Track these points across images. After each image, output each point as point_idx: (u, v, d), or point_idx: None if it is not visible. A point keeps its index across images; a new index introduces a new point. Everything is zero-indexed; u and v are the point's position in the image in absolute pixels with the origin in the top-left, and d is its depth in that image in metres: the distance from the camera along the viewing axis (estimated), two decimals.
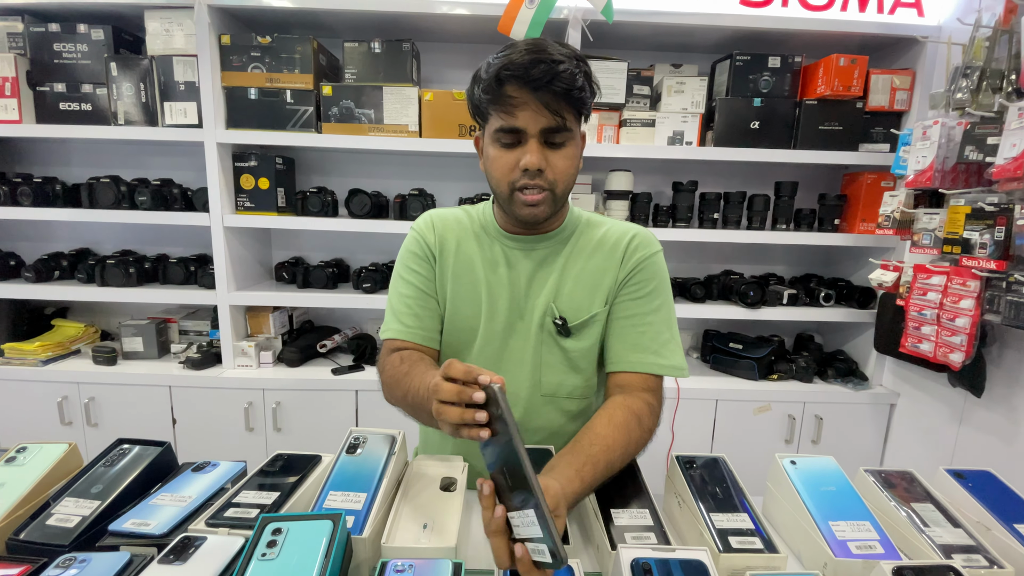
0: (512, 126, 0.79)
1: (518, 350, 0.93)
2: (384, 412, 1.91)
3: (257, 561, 0.59)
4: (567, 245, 0.94)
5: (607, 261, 0.92)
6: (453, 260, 0.94)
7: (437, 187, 2.12)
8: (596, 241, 0.94)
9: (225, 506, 0.73)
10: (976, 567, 0.68)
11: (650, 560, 0.59)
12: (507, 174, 0.82)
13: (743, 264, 2.30)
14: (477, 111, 0.85)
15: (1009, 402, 1.53)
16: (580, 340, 0.91)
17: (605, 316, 0.92)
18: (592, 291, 0.91)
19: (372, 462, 0.81)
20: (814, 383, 2.00)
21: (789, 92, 1.89)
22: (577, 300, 0.91)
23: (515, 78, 0.76)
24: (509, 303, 0.92)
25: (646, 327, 0.90)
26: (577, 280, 0.92)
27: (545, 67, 0.75)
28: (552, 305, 0.91)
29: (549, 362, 0.93)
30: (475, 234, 0.95)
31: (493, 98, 0.78)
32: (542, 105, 0.77)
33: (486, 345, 0.94)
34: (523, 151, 0.80)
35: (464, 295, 0.94)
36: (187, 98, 1.87)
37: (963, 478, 0.85)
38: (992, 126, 1.43)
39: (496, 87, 0.77)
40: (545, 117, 0.78)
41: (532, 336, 0.92)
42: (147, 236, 2.25)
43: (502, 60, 0.77)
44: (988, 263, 1.39)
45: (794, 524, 0.77)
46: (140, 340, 2.05)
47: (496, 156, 0.82)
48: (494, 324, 0.93)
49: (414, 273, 0.94)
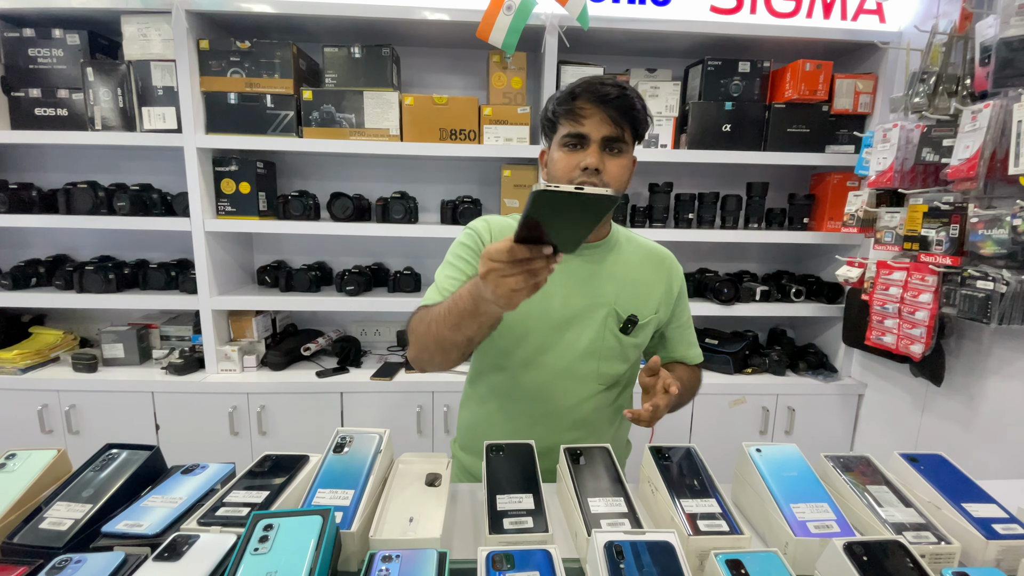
0: (579, 132, 0.93)
1: (573, 342, 1.03)
2: (368, 414, 1.95)
3: (250, 556, 0.62)
4: (614, 253, 1.07)
5: (656, 275, 1.09)
6: None
7: (419, 189, 2.15)
8: (642, 255, 1.10)
9: (216, 505, 0.76)
10: (925, 543, 0.73)
11: (622, 542, 0.63)
12: (568, 172, 0.95)
13: (717, 262, 2.38)
14: (548, 124, 0.99)
15: (967, 390, 1.62)
16: (635, 337, 1.06)
17: (655, 322, 1.09)
18: (646, 298, 1.07)
19: (359, 460, 0.84)
20: (787, 376, 2.08)
21: (758, 96, 1.96)
22: (635, 304, 1.05)
23: (587, 92, 0.91)
24: (563, 300, 1.02)
25: (689, 330, 1.19)
26: (633, 286, 1.06)
27: (613, 88, 0.91)
28: (615, 307, 1.03)
29: (606, 353, 1.05)
30: None
31: (566, 109, 0.93)
32: (607, 116, 0.92)
33: (538, 338, 1.03)
34: (585, 154, 0.94)
35: None
36: (166, 103, 1.86)
37: (916, 461, 0.91)
38: (947, 129, 1.51)
39: (569, 100, 0.93)
40: (608, 127, 0.92)
41: (592, 330, 1.03)
42: (126, 242, 2.23)
43: (578, 82, 0.93)
44: (944, 259, 1.47)
45: (759, 507, 0.83)
46: (121, 346, 2.04)
47: (560, 158, 0.96)
48: (547, 319, 1.02)
49: (462, 260, 1.03)
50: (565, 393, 1.05)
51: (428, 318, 0.92)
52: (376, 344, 2.31)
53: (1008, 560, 0.73)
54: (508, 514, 0.76)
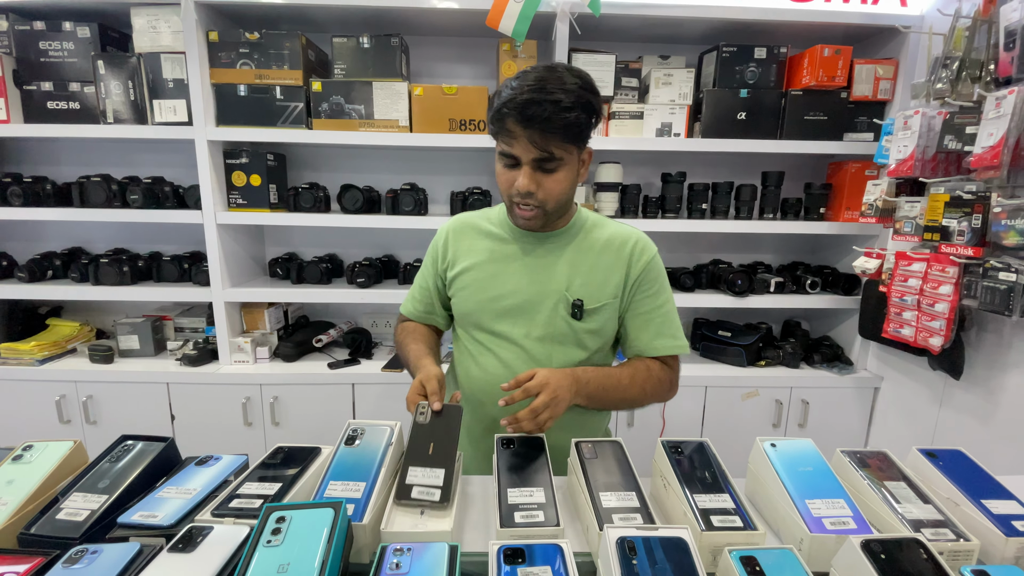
0: (510, 152, 0.93)
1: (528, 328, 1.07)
2: (380, 404, 1.96)
3: (263, 548, 0.62)
4: (575, 241, 1.07)
5: (615, 260, 1.06)
6: (469, 259, 1.09)
7: (429, 181, 2.14)
8: (603, 241, 1.08)
9: (230, 497, 0.76)
10: (944, 540, 0.72)
11: (635, 538, 0.62)
12: (506, 189, 0.97)
13: (731, 253, 2.34)
14: (490, 127, 0.97)
15: (987, 384, 1.58)
16: (586, 323, 1.05)
17: (615, 307, 1.07)
18: (602, 284, 1.06)
19: (370, 453, 0.84)
20: (801, 368, 2.05)
21: (775, 83, 1.91)
22: (588, 289, 1.05)
23: (513, 113, 0.88)
24: (516, 287, 1.06)
25: (663, 317, 1.09)
26: (589, 272, 1.05)
27: (538, 108, 0.86)
28: (566, 293, 1.04)
29: (559, 337, 1.06)
30: (492, 231, 1.10)
31: (497, 128, 0.92)
32: (534, 138, 0.89)
33: (494, 324, 1.08)
34: (518, 174, 0.94)
35: (477, 282, 1.08)
36: (176, 95, 1.87)
37: (935, 457, 0.89)
38: (971, 115, 1.46)
39: (499, 120, 0.91)
40: (535, 150, 0.90)
41: (544, 316, 1.06)
42: (139, 234, 2.25)
43: (507, 95, 0.89)
44: (966, 250, 1.43)
45: (773, 503, 0.81)
46: (136, 338, 2.06)
47: (500, 172, 0.97)
48: (500, 306, 1.07)
49: (426, 269, 1.17)
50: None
51: (399, 349, 1.16)
52: (387, 336, 2.32)
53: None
54: (519, 508, 0.75)
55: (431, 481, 0.75)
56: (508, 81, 0.93)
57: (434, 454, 0.80)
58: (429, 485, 0.74)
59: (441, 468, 0.77)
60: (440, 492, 0.74)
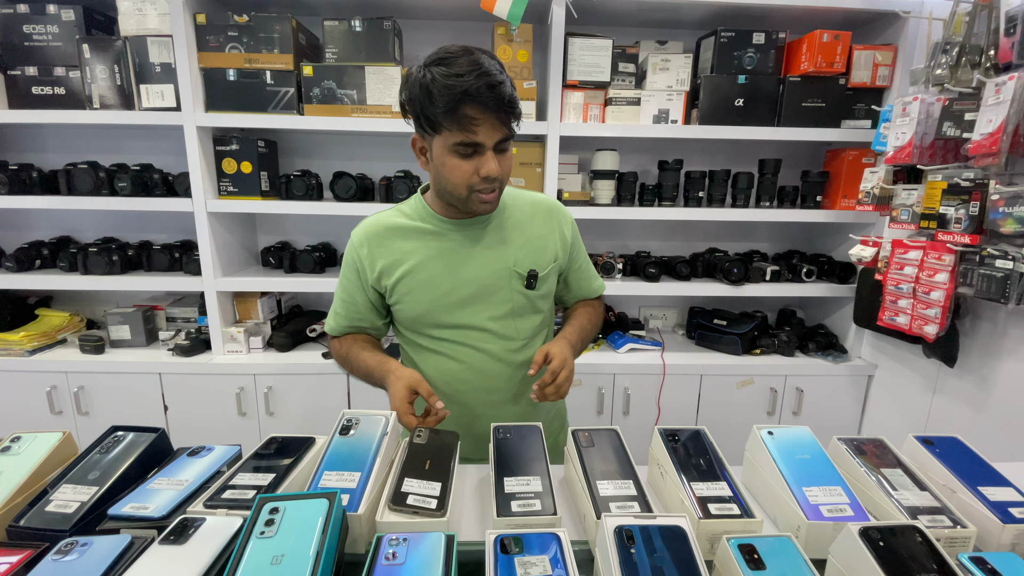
0: (474, 141, 0.90)
1: (486, 311, 1.07)
2: (375, 394, 1.94)
3: (256, 539, 0.62)
4: (500, 217, 1.08)
5: (546, 227, 1.11)
6: (399, 258, 1.05)
7: (417, 167, 2.11)
8: (528, 211, 1.11)
9: (222, 488, 0.75)
10: (940, 527, 0.72)
11: (633, 527, 0.62)
12: (467, 179, 0.94)
13: (728, 242, 2.34)
14: (427, 122, 0.91)
15: (980, 372, 1.59)
16: (539, 290, 1.10)
17: (556, 270, 1.13)
18: (542, 251, 1.09)
19: (365, 442, 0.83)
20: (795, 357, 2.06)
21: (773, 69, 1.89)
22: (532, 258, 1.08)
23: (474, 101, 0.86)
24: (477, 270, 1.05)
25: (588, 264, 1.23)
26: (528, 243, 1.08)
27: (498, 90, 0.87)
28: (514, 267, 1.06)
29: (519, 311, 1.09)
30: (416, 227, 1.06)
31: (454, 118, 0.87)
32: (498, 122, 0.89)
33: (454, 317, 1.07)
34: (481, 160, 0.92)
35: (420, 280, 1.05)
36: (164, 80, 1.83)
37: (931, 444, 0.89)
38: (970, 102, 1.45)
39: (456, 108, 0.86)
40: (500, 132, 0.91)
41: (501, 295, 1.07)
42: (128, 223, 2.22)
43: (457, 83, 0.85)
44: (963, 237, 1.43)
45: (771, 490, 0.81)
46: (127, 328, 2.04)
47: (455, 165, 0.93)
48: (455, 299, 1.06)
49: (346, 279, 1.11)
50: (494, 356, 1.08)
51: (347, 364, 1.12)
52: None
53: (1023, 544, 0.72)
54: (516, 496, 0.75)
55: (428, 492, 0.74)
56: (430, 71, 0.87)
57: (431, 470, 0.78)
58: (426, 495, 0.73)
59: (438, 482, 0.76)
60: (437, 501, 0.72)
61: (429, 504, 0.72)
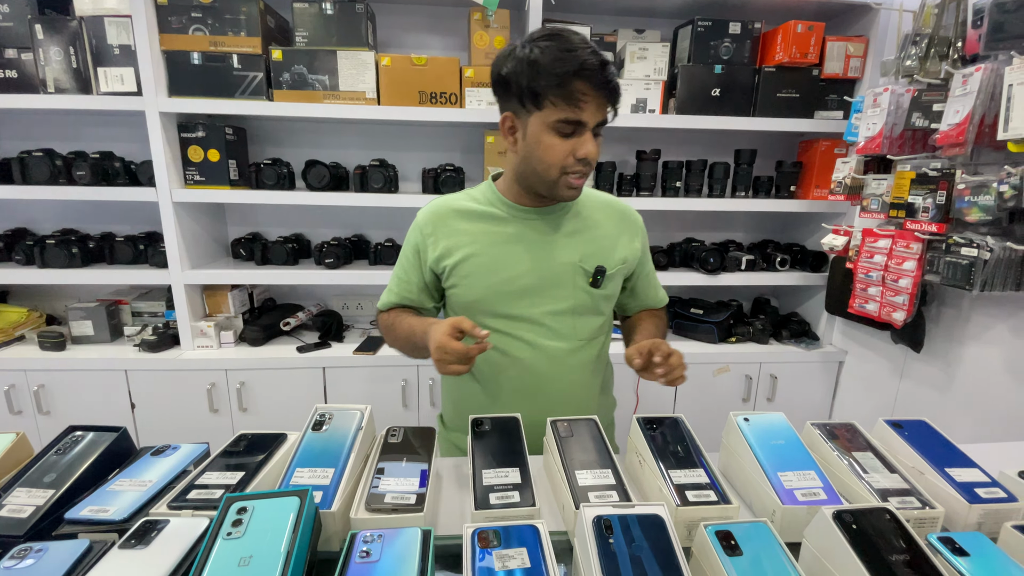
0: (579, 119, 0.87)
1: (546, 305, 1.03)
2: (352, 388, 1.92)
3: (223, 540, 0.59)
4: (571, 211, 1.05)
5: (619, 228, 1.09)
6: (464, 243, 1.02)
7: (399, 157, 2.07)
8: (600, 208, 1.09)
9: (188, 488, 0.72)
10: (910, 508, 0.73)
11: (611, 516, 0.61)
12: (562, 159, 0.91)
13: (704, 231, 2.36)
14: (531, 97, 0.88)
15: (945, 356, 1.64)
16: (604, 289, 1.06)
17: (623, 272, 1.10)
18: (611, 251, 1.06)
19: (339, 438, 0.81)
20: (770, 344, 2.09)
21: (749, 59, 1.90)
22: (599, 256, 1.05)
23: (589, 78, 0.85)
24: (540, 262, 1.02)
25: (655, 277, 1.20)
26: (597, 240, 1.05)
27: (609, 69, 0.86)
28: (580, 263, 1.03)
29: (580, 309, 1.05)
30: (484, 213, 1.03)
31: (564, 92, 0.85)
32: (604, 102, 0.88)
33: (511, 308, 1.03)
34: (579, 141, 0.90)
35: (483, 266, 1.01)
36: (123, 63, 1.74)
37: (900, 428, 0.91)
38: (938, 93, 1.48)
39: (567, 82, 0.85)
40: (602, 112, 0.89)
41: (564, 290, 1.03)
42: (89, 213, 2.12)
43: (570, 57, 0.84)
44: (930, 226, 1.46)
45: (747, 476, 0.82)
46: (90, 323, 1.96)
47: (553, 144, 0.90)
48: (516, 289, 1.02)
49: (406, 259, 1.08)
50: (547, 355, 1.04)
51: (391, 333, 1.08)
52: (359, 318, 2.27)
53: (989, 523, 0.74)
54: (494, 489, 0.74)
55: (406, 488, 0.73)
56: (537, 45, 0.86)
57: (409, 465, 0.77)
58: (404, 491, 0.72)
59: (416, 477, 0.75)
60: (415, 497, 0.71)
61: (407, 500, 0.71)
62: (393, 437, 0.85)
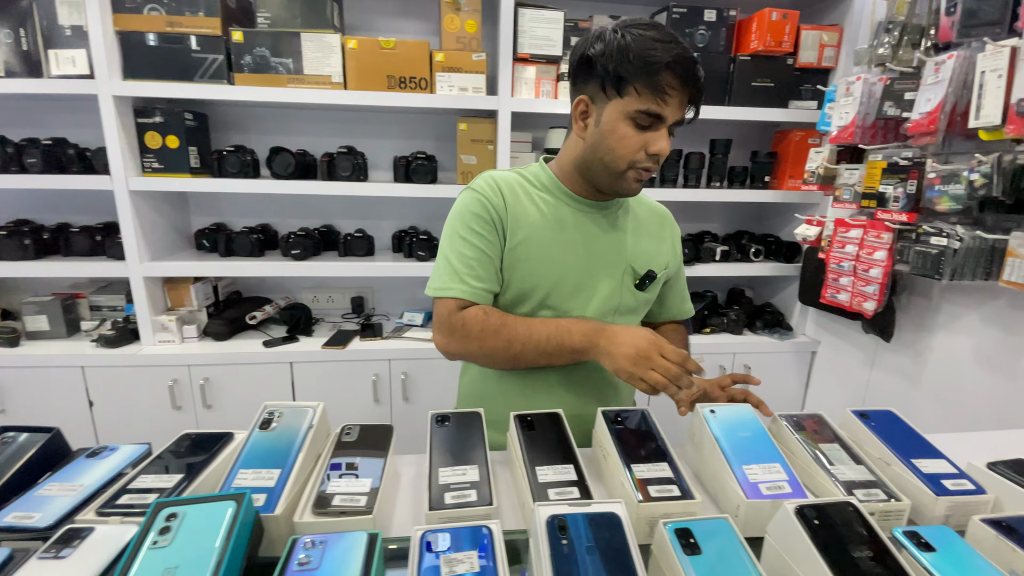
0: (660, 112, 0.83)
1: (591, 300, 0.99)
2: (321, 384, 1.87)
3: (148, 550, 0.55)
4: (626, 210, 1.03)
5: (662, 231, 1.07)
6: (526, 223, 0.95)
7: (369, 145, 2.01)
8: (647, 211, 1.07)
9: (119, 493, 0.68)
10: (875, 500, 0.72)
11: (566, 515, 0.59)
12: (633, 152, 0.87)
13: (681, 222, 2.29)
14: (615, 82, 0.83)
15: (915, 346, 1.65)
16: (648, 293, 1.04)
17: (665, 277, 1.07)
18: (656, 253, 1.04)
19: (287, 437, 0.77)
20: (743, 335, 2.09)
21: (724, 47, 1.88)
22: (648, 260, 1.02)
23: (675, 72, 0.81)
24: (585, 258, 0.97)
25: (685, 287, 1.17)
26: (649, 243, 1.03)
27: (698, 68, 0.83)
28: (630, 263, 1.00)
29: (623, 310, 1.02)
30: (539, 196, 0.98)
31: (650, 82, 0.81)
32: (686, 101, 0.85)
33: (558, 299, 0.97)
34: (654, 136, 0.86)
35: (539, 255, 0.96)
36: (75, 45, 1.65)
37: (867, 418, 0.90)
38: (910, 81, 1.47)
39: (656, 72, 0.81)
40: (681, 112, 0.86)
41: (609, 287, 0.99)
42: (42, 203, 2.02)
43: (663, 48, 0.80)
44: (900, 216, 1.46)
45: (713, 470, 0.80)
46: (45, 318, 1.87)
47: (627, 134, 0.86)
48: (569, 279, 0.97)
49: (476, 234, 0.93)
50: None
51: (507, 333, 0.91)
52: (330, 311, 2.21)
53: (957, 516, 0.73)
54: (450, 488, 0.71)
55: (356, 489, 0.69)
56: (629, 32, 0.81)
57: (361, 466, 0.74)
58: (353, 493, 0.68)
59: (368, 478, 0.71)
60: (366, 499, 0.67)
61: (357, 503, 0.67)
62: (348, 435, 0.81)
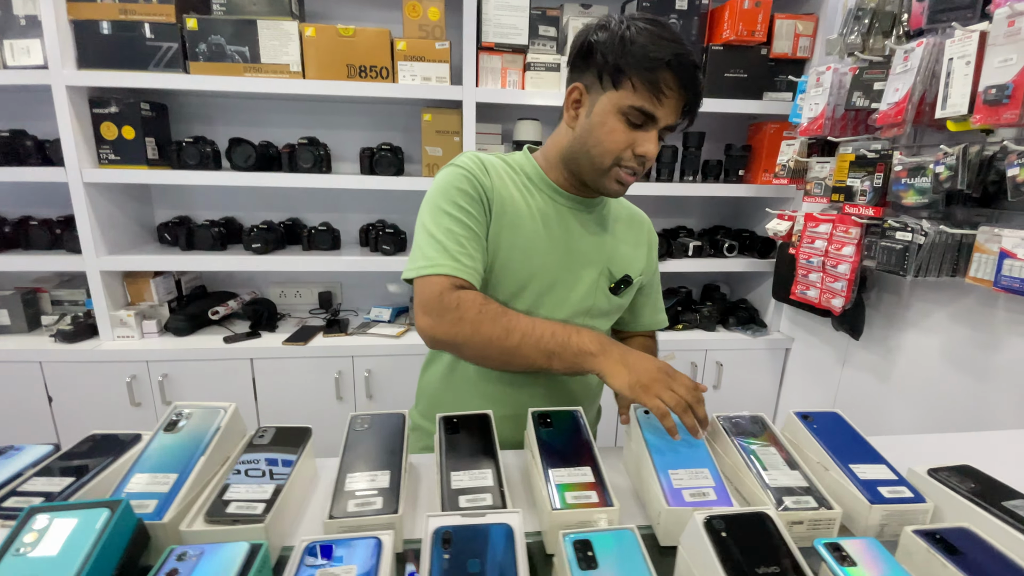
0: (653, 112, 0.80)
1: (563, 300, 0.94)
2: (282, 381, 1.83)
3: (11, 557, 0.52)
4: (607, 211, 0.99)
5: (638, 236, 1.03)
6: (510, 209, 0.89)
7: (333, 136, 1.97)
8: (626, 215, 1.03)
9: (7, 495, 0.65)
10: (805, 508, 0.68)
11: (452, 528, 0.55)
12: (620, 149, 0.83)
13: (655, 217, 2.26)
14: (613, 72, 0.79)
15: (885, 343, 1.62)
16: (622, 298, 1.00)
17: (639, 284, 1.03)
18: (632, 260, 1.00)
19: (193, 440, 0.73)
20: (717, 331, 2.06)
21: (696, 37, 1.83)
22: (624, 264, 0.98)
23: (675, 73, 0.77)
24: (562, 256, 0.93)
25: (659, 297, 1.13)
26: (626, 247, 1.00)
27: (698, 74, 0.80)
28: (608, 266, 0.96)
29: (594, 314, 0.98)
30: (522, 184, 0.93)
31: (648, 78, 0.77)
32: (681, 106, 0.81)
33: (532, 296, 0.92)
34: (643, 136, 0.82)
35: (519, 245, 0.90)
36: (30, 35, 1.62)
37: (810, 420, 0.86)
38: (879, 71, 1.43)
39: (656, 69, 0.77)
40: (675, 116, 0.82)
41: (582, 290, 0.95)
42: (5, 196, 1.99)
43: (667, 46, 0.77)
44: (867, 210, 1.42)
45: (641, 474, 0.77)
46: (5, 312, 1.84)
47: (616, 129, 0.82)
48: (544, 275, 0.92)
49: (464, 211, 0.85)
50: None
51: (507, 321, 0.81)
52: (297, 307, 2.17)
53: (892, 525, 0.69)
54: (355, 495, 0.67)
55: (256, 496, 0.65)
56: (635, 24, 0.78)
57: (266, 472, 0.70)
58: (253, 499, 0.64)
59: (272, 483, 0.67)
60: (264, 505, 0.63)
61: (254, 510, 0.64)
62: (260, 438, 0.77)
